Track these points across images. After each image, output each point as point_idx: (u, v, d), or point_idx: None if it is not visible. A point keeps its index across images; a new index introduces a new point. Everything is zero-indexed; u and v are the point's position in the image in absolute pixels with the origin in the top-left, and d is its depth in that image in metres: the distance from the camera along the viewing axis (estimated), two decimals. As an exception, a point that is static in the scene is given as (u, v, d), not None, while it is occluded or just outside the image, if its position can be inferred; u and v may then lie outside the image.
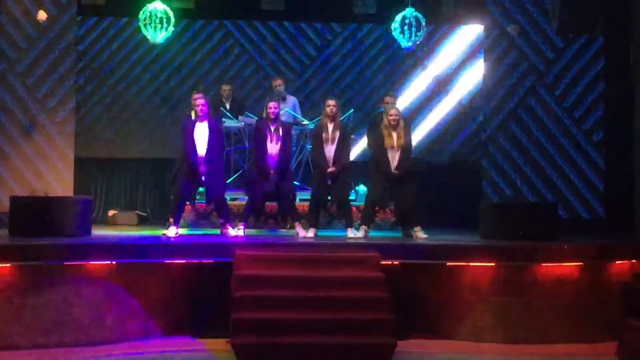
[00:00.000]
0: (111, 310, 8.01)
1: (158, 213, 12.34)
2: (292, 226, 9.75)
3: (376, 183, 9.40)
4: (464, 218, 11.17)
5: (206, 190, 9.55)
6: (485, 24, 11.93)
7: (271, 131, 9.42)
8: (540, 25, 11.60)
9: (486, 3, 11.78)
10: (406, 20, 9.98)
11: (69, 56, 11.31)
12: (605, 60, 11.65)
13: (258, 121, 10.07)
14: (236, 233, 9.47)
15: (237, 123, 11.23)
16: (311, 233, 9.39)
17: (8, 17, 11.00)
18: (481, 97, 12.19)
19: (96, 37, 12.63)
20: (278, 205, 9.77)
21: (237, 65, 12.94)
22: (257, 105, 11.88)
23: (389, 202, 9.53)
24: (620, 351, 7.59)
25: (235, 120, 11.27)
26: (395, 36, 10.22)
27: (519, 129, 11.63)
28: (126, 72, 12.63)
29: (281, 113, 10.07)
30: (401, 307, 7.99)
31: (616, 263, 8.66)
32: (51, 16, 11.09)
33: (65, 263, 7.84)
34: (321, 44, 13.10)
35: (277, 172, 9.39)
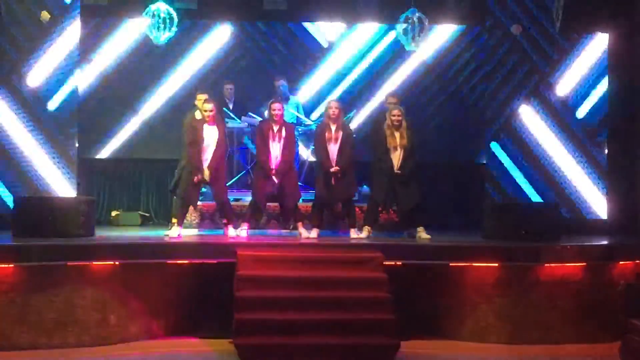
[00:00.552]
0: (114, 310, 8.04)
1: (161, 214, 12.34)
2: (295, 227, 9.75)
3: (379, 183, 9.40)
4: (467, 219, 11.17)
5: (210, 190, 9.62)
6: (488, 24, 11.90)
7: (274, 132, 9.43)
8: (543, 25, 11.57)
9: (489, 3, 11.74)
10: (409, 20, 9.96)
11: (72, 57, 11.30)
12: (608, 59, 11.62)
13: (261, 122, 10.08)
14: (238, 233, 9.47)
15: (240, 123, 11.23)
16: (314, 233, 9.39)
17: (11, 18, 10.99)
18: (484, 97, 12.16)
19: (99, 38, 12.63)
20: (280, 205, 9.77)
21: (240, 65, 12.92)
22: (260, 105, 11.86)
23: (392, 203, 9.52)
24: (623, 352, 7.56)
25: (238, 120, 11.28)
26: (398, 37, 10.21)
27: (522, 130, 11.60)
28: (129, 73, 12.62)
29: (284, 113, 10.06)
30: (404, 308, 8.00)
31: (619, 263, 8.67)
32: (54, 17, 11.09)
33: (68, 263, 7.86)
34: (324, 44, 13.08)
35: (280, 173, 9.40)
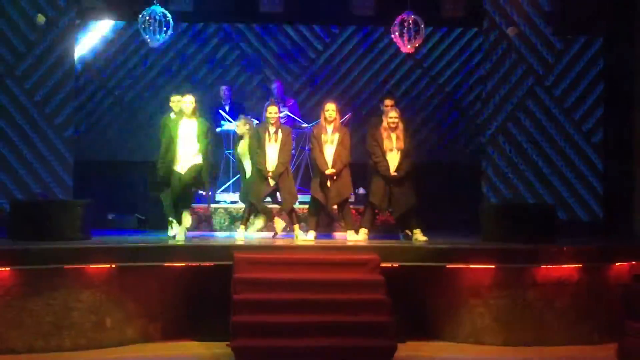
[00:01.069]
0: (111, 313, 8.01)
1: (158, 216, 12.31)
2: (292, 229, 9.75)
3: (376, 186, 9.40)
4: (464, 220, 11.17)
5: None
6: (484, 27, 11.92)
7: (270, 134, 9.44)
8: (539, 27, 11.60)
9: (485, 5, 11.77)
10: (405, 22, 9.96)
11: (68, 60, 11.31)
12: (604, 61, 11.65)
13: (257, 124, 10.08)
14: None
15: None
16: (311, 236, 9.39)
17: (6, 21, 11.00)
18: (480, 99, 12.19)
19: (95, 41, 12.61)
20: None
21: (236, 67, 12.94)
22: (256, 107, 11.87)
23: (389, 205, 9.53)
24: (620, 353, 7.59)
25: (234, 122, 11.28)
26: (394, 38, 10.21)
27: (518, 131, 11.63)
28: (125, 75, 12.62)
29: (280, 115, 10.08)
30: (401, 310, 7.99)
31: (615, 265, 8.67)
32: (50, 20, 11.09)
33: (64, 267, 7.84)
34: (320, 47, 13.10)
35: (277, 175, 9.39)
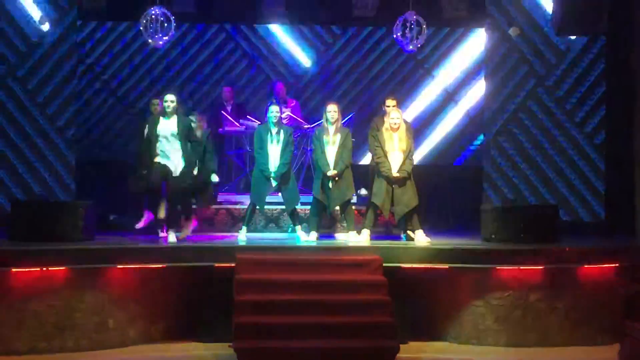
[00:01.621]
0: (113, 314, 8.02)
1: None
2: (294, 230, 9.75)
3: (378, 187, 9.41)
4: (465, 221, 11.17)
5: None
6: (486, 27, 11.92)
7: (272, 135, 9.45)
8: (541, 28, 11.60)
9: (487, 6, 11.77)
10: (407, 23, 9.96)
11: (70, 60, 11.31)
12: (606, 62, 11.65)
13: (259, 125, 10.08)
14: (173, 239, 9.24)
15: (238, 126, 11.25)
16: (313, 236, 9.39)
17: (8, 22, 11.00)
18: (482, 100, 12.19)
19: (97, 41, 12.63)
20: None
21: (238, 68, 12.95)
22: (258, 108, 11.88)
23: (391, 206, 9.52)
24: (621, 354, 7.58)
25: (236, 123, 11.29)
26: (396, 39, 10.20)
27: (520, 132, 11.62)
28: (127, 76, 12.63)
29: (282, 116, 10.08)
30: (403, 311, 8.00)
31: (617, 265, 8.66)
32: (51, 20, 11.09)
33: (67, 268, 7.85)
34: (322, 47, 13.11)
35: (279, 176, 9.41)
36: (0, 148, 11.02)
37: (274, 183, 9.48)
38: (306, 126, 11.28)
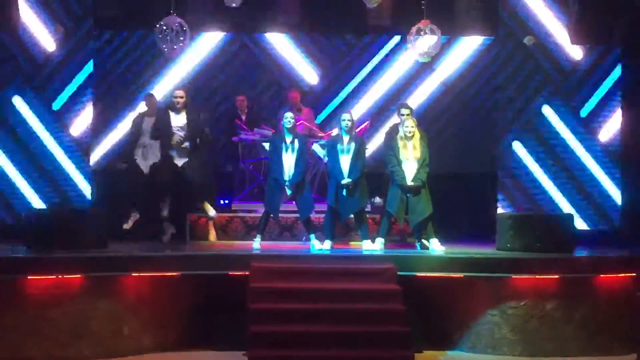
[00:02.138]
0: (128, 322, 8.04)
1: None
2: (308, 238, 9.75)
3: (393, 195, 9.40)
4: (480, 230, 11.13)
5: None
6: (500, 35, 11.90)
7: (286, 143, 9.46)
8: (555, 36, 11.56)
9: (501, 14, 11.75)
10: (421, 31, 9.95)
11: (85, 69, 11.36)
12: (622, 70, 11.59)
13: (274, 134, 10.10)
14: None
15: (253, 135, 11.27)
16: (327, 245, 9.38)
17: (24, 31, 11.07)
18: (497, 108, 12.15)
19: (112, 50, 12.69)
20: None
21: (253, 77, 12.96)
22: (273, 117, 11.89)
23: (406, 214, 9.51)
24: (638, 364, 7.54)
25: (250, 132, 11.31)
26: (410, 48, 10.19)
27: (535, 140, 11.58)
28: (142, 85, 12.67)
29: (297, 124, 10.09)
30: (418, 320, 7.97)
31: (633, 275, 8.60)
32: (67, 30, 11.16)
33: (82, 275, 7.88)
34: (336, 55, 13.11)
35: (293, 184, 9.41)
36: (17, 156, 11.07)
37: (289, 191, 9.49)
38: (320, 134, 11.29)
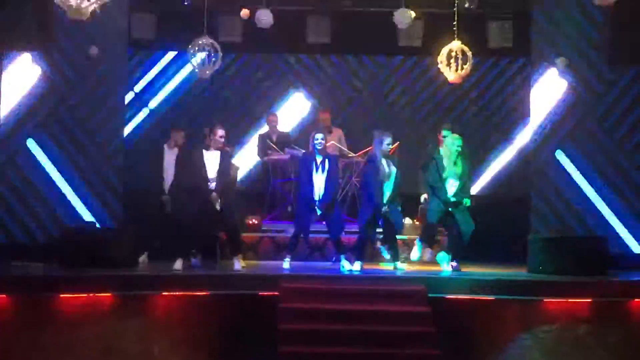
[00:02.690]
0: (158, 341, 8.06)
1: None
2: (338, 259, 9.73)
3: (434, 205, 9.40)
4: (512, 252, 11.03)
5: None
6: (532, 57, 11.83)
7: (317, 163, 9.48)
8: (588, 57, 11.46)
9: (532, 36, 11.69)
10: (452, 53, 9.94)
11: (119, 90, 11.48)
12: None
13: (304, 154, 10.12)
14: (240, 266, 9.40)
15: (283, 155, 11.31)
16: (357, 266, 9.35)
17: (60, 52, 11.24)
18: (529, 130, 12.07)
19: (145, 71, 12.84)
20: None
21: (284, 98, 13.03)
22: (304, 137, 11.93)
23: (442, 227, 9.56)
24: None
25: (281, 152, 11.36)
26: (441, 69, 10.19)
27: (568, 162, 11.46)
28: (175, 105, 12.79)
29: (327, 145, 10.11)
30: (448, 343, 7.90)
31: (669, 300, 8.47)
32: (102, 50, 11.30)
33: (113, 294, 7.93)
34: (367, 77, 13.14)
35: (324, 205, 9.41)
36: (50, 175, 11.19)
37: (319, 212, 9.49)
38: (351, 155, 11.29)
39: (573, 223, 11.31)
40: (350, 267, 9.35)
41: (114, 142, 11.38)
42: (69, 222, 10.86)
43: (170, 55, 12.85)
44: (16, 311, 7.77)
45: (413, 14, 10.88)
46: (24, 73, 11.17)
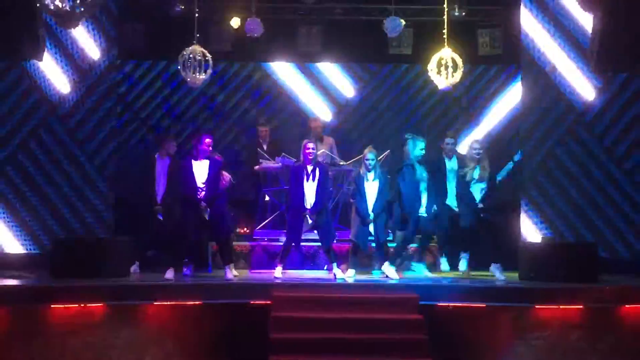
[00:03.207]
0: (149, 351, 8.05)
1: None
2: (330, 267, 9.72)
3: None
4: (503, 258, 11.04)
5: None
6: (522, 64, 11.88)
7: (307, 172, 9.49)
8: (578, 64, 11.52)
9: (523, 42, 11.73)
10: (442, 60, 9.97)
11: (109, 99, 11.45)
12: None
13: (295, 162, 10.13)
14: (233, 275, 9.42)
15: (275, 164, 11.30)
16: (349, 274, 9.36)
17: (50, 62, 11.21)
18: (519, 137, 12.11)
19: (135, 80, 12.83)
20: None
21: (275, 106, 13.05)
22: (295, 146, 11.92)
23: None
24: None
25: (272, 161, 11.35)
26: (431, 77, 10.22)
27: (558, 169, 11.50)
28: (165, 115, 12.78)
29: (318, 154, 10.12)
30: (441, 350, 7.91)
31: (659, 305, 8.51)
32: (92, 60, 11.28)
33: (104, 304, 7.91)
34: (357, 85, 13.17)
35: (315, 213, 9.41)
36: (41, 186, 11.15)
37: (310, 220, 9.49)
38: (342, 163, 11.30)
39: (563, 229, 11.34)
40: (342, 276, 9.34)
41: (105, 152, 11.35)
42: (60, 232, 10.82)
43: (160, 64, 12.83)
44: (7, 322, 7.75)
45: (403, 23, 10.92)
46: (14, 83, 11.14)
